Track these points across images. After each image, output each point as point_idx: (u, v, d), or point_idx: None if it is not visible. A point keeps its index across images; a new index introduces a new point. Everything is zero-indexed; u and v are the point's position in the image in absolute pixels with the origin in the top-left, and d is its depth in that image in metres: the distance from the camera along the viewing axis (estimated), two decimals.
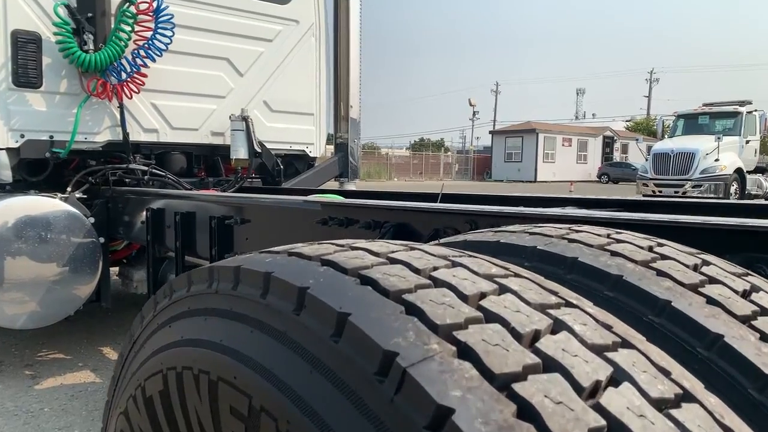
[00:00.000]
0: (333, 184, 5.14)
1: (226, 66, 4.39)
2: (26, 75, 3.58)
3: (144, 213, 3.36)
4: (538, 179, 41.80)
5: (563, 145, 44.84)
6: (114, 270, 4.45)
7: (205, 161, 4.52)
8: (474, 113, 58.93)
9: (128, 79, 3.79)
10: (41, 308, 3.49)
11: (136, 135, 4.03)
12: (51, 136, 3.72)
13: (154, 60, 3.84)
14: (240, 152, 4.19)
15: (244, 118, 4.17)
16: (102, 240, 3.67)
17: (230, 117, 4.22)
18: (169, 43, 3.85)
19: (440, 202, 2.31)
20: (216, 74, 4.35)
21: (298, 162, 4.96)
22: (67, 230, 3.52)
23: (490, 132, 51.14)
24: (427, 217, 1.69)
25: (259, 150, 4.22)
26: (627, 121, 64.33)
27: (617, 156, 48.36)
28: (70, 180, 3.87)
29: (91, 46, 3.64)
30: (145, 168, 3.94)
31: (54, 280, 3.48)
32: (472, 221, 1.54)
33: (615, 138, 49.36)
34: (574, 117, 75.12)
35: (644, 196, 17.35)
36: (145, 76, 3.85)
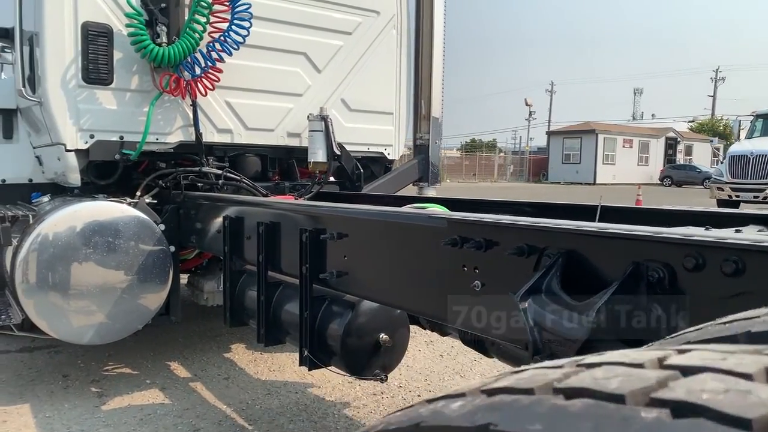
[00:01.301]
0: (408, 190, 4.75)
1: (304, 61, 4.06)
2: (97, 71, 3.33)
3: (220, 221, 3.05)
4: (597, 182, 40.41)
5: (624, 146, 43.22)
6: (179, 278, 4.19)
7: (280, 164, 4.20)
8: (530, 113, 57.58)
9: (202, 75, 3.50)
10: (109, 322, 3.23)
11: (210, 136, 3.74)
12: (121, 137, 3.47)
13: (230, 54, 3.53)
14: (318, 155, 3.84)
15: (323, 118, 3.82)
16: (173, 249, 3.40)
17: (308, 117, 3.88)
18: (246, 36, 3.54)
19: (591, 218, 1.88)
20: (293, 70, 4.02)
21: (374, 165, 4.59)
22: (137, 238, 3.25)
23: (547, 132, 49.77)
24: (615, 245, 1.27)
25: (339, 152, 3.87)
26: (690, 121, 61.72)
27: (680, 158, 46.36)
28: (139, 184, 3.62)
29: (164, 39, 3.36)
30: (219, 171, 3.65)
31: (122, 291, 3.23)
32: (698, 255, 1.11)
33: (678, 139, 47.31)
34: (631, 117, 72.67)
35: (719, 200, 16.33)
36: (220, 71, 3.54)
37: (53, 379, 3.61)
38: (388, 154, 4.55)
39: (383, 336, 2.24)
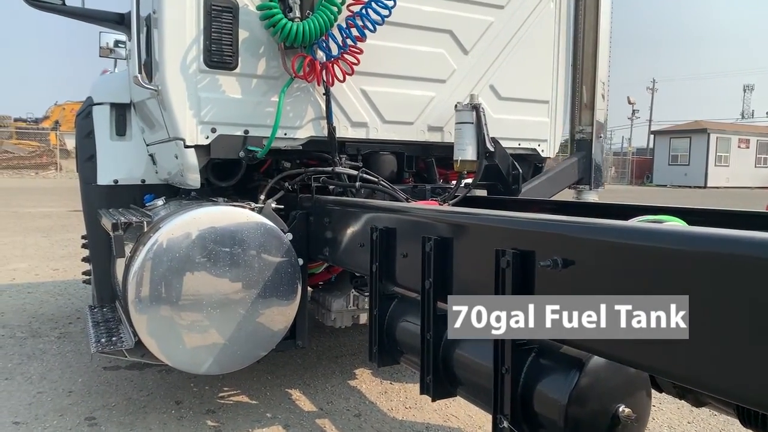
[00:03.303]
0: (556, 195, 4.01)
1: (449, 41, 3.43)
2: (220, 53, 2.85)
3: (360, 231, 2.48)
4: (708, 185, 37.35)
5: (739, 146, 39.71)
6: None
7: (416, 163, 3.59)
8: (633, 111, 54.27)
9: (339, 57, 2.94)
10: (231, 347, 2.75)
11: (343, 130, 3.18)
12: (246, 131, 2.97)
13: (374, 30, 2.94)
14: (468, 151, 3.19)
15: (475, 107, 3.16)
16: (301, 262, 2.87)
17: (456, 106, 3.24)
18: (392, 7, 2.95)
19: None
20: (436, 52, 3.40)
21: (522, 164, 3.88)
22: (263, 249, 2.75)
23: (652, 132, 46.67)
24: None
25: (492, 148, 3.21)
26: None
27: None
28: (258, 186, 3.13)
29: (297, 14, 2.83)
30: (355, 172, 3.08)
31: (246, 311, 2.73)
32: None
33: None
34: (740, 116, 67.18)
35: None
36: (360, 52, 2.97)
37: (165, 406, 3.18)
38: (542, 150, 3.82)
39: (624, 409, 1.56)
